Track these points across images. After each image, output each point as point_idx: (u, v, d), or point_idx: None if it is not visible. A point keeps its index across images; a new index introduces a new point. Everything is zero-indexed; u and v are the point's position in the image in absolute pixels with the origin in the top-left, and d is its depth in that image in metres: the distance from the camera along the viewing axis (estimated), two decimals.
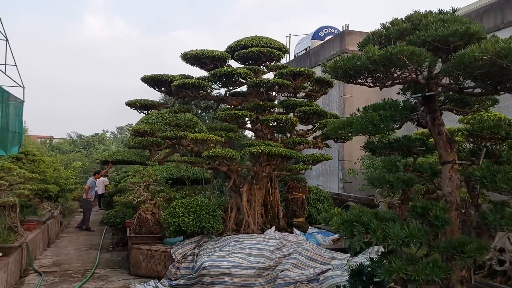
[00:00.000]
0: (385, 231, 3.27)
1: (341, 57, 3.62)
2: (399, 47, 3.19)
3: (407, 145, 4.22)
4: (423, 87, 3.95)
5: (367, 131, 3.92)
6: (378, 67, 3.33)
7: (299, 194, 10.81)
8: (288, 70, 9.92)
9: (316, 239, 9.83)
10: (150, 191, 9.83)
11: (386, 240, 3.25)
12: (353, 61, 3.47)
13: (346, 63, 3.49)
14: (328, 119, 10.22)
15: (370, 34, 3.91)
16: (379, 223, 3.34)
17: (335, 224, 3.49)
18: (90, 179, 15.21)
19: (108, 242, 12.30)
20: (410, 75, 3.52)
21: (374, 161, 12.79)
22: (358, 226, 3.37)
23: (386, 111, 4.00)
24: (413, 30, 3.68)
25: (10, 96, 11.81)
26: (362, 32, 15.47)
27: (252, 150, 8.73)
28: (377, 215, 3.51)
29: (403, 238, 3.22)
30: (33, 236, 9.45)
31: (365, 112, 4.53)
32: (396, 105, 4.37)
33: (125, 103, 10.49)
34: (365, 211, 3.62)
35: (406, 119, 4.01)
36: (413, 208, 3.63)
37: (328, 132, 4.50)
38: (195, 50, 10.17)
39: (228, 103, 11.10)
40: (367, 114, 3.97)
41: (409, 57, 3.22)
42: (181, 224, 8.41)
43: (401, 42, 3.71)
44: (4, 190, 7.83)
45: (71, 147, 36.98)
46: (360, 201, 12.05)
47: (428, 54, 3.29)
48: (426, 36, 3.40)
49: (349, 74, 3.62)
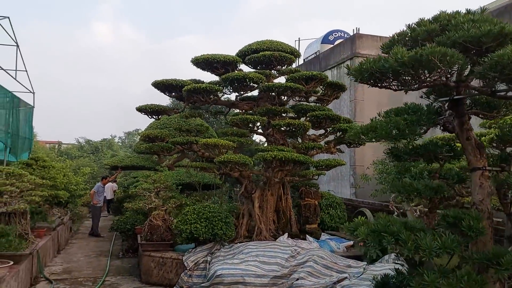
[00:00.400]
0: (417, 242, 3.10)
1: (367, 59, 3.46)
2: (430, 48, 3.03)
3: (434, 150, 4.04)
4: (451, 90, 3.79)
5: (392, 136, 3.75)
6: (407, 69, 3.17)
7: (312, 200, 10.63)
8: (300, 74, 9.78)
9: (330, 246, 9.64)
10: (161, 197, 9.71)
11: (417, 251, 3.07)
12: (380, 63, 3.31)
13: (372, 66, 3.33)
14: (341, 123, 10.05)
15: (395, 36, 3.74)
16: (409, 233, 3.17)
17: (362, 234, 3.32)
18: (96, 184, 15.14)
19: (118, 249, 12.17)
20: (440, 78, 3.35)
21: (386, 166, 12.60)
22: (387, 237, 3.20)
23: (411, 115, 3.83)
24: (441, 31, 3.52)
25: (21, 101, 11.78)
26: (374, 36, 15.34)
27: (265, 156, 8.58)
28: (406, 225, 3.34)
29: (436, 249, 3.05)
30: (43, 243, 9.35)
31: (387, 116, 4.37)
32: (420, 109, 4.20)
33: (136, 108, 10.41)
34: (392, 220, 3.45)
35: (433, 124, 3.84)
36: (444, 217, 3.46)
37: (350, 137, 4.35)
38: (206, 55, 10.07)
39: (239, 108, 10.98)
40: (391, 118, 3.80)
41: (440, 58, 3.06)
42: (193, 231, 8.27)
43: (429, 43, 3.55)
44: (15, 196, 7.75)
45: (79, 153, 37.09)
46: (374, 207, 11.85)
47: (460, 56, 3.13)
48: (457, 37, 3.24)
49: (374, 77, 3.46)
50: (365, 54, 15.05)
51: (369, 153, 14.41)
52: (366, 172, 13.93)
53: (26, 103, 12.53)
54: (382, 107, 14.63)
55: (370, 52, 15.11)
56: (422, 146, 4.14)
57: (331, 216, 11.34)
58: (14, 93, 11.22)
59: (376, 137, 3.78)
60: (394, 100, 15.42)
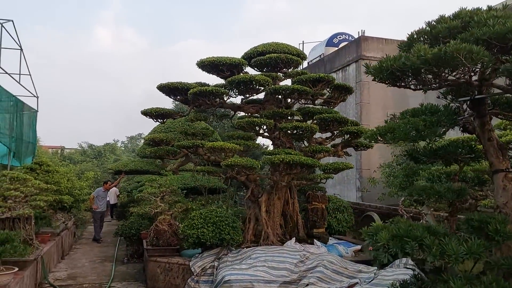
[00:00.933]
0: (442, 247, 2.96)
1: (387, 57, 3.34)
2: (455, 44, 2.91)
3: (454, 152, 3.90)
4: (472, 89, 3.66)
5: (411, 137, 3.62)
6: (429, 67, 3.04)
7: (319, 204, 10.49)
8: (307, 76, 9.67)
9: (338, 250, 9.48)
10: (166, 201, 9.58)
11: (443, 257, 2.94)
12: (401, 61, 3.18)
13: (392, 64, 3.20)
14: (349, 126, 9.92)
15: (413, 33, 3.61)
16: (434, 238, 3.03)
17: (383, 239, 3.18)
18: (97, 189, 15.02)
19: (123, 254, 12.04)
20: (464, 76, 3.23)
21: (393, 169, 12.45)
22: (410, 242, 3.06)
23: (430, 116, 3.70)
24: (462, 28, 3.39)
25: (24, 105, 11.68)
26: (379, 38, 15.23)
27: (272, 159, 8.45)
28: (429, 229, 3.20)
29: (462, 255, 2.91)
30: (47, 248, 9.23)
31: (403, 117, 4.24)
32: (438, 110, 4.07)
33: (141, 112, 10.31)
34: (414, 224, 3.31)
35: (453, 124, 3.70)
36: (467, 221, 3.32)
37: (365, 139, 4.21)
38: (211, 57, 9.97)
39: (244, 111, 10.87)
40: (409, 119, 3.67)
41: (465, 55, 2.94)
42: (200, 236, 8.12)
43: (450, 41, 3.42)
44: (19, 201, 7.63)
45: (82, 157, 37.00)
46: (381, 211, 11.69)
47: (486, 53, 3.00)
48: (481, 34, 3.12)
49: (394, 76, 3.33)
50: (370, 57, 14.95)
51: (375, 157, 14.27)
52: (372, 176, 13.78)
53: (30, 107, 12.43)
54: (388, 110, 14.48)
55: (376, 55, 15.00)
56: (442, 147, 4.00)
57: (338, 220, 11.19)
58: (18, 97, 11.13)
59: (394, 138, 3.65)
60: (400, 102, 15.34)
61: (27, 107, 12.04)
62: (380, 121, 15.04)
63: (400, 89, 3.99)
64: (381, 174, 12.27)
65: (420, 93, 15.58)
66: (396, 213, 10.93)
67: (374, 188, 13.61)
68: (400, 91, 15.16)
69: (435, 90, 3.59)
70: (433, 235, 3.12)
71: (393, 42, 15.37)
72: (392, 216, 11.16)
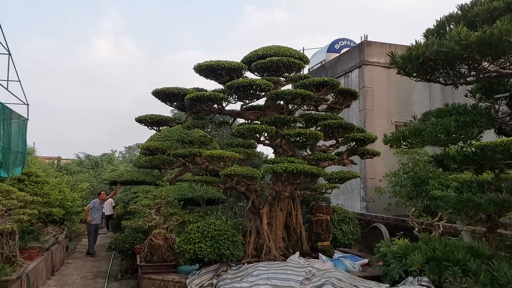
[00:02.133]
0: (491, 273, 2.40)
1: (416, 44, 2.80)
2: (505, 25, 2.37)
3: (491, 157, 3.34)
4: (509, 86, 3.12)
5: (442, 141, 3.07)
6: (471, 54, 2.51)
7: (324, 215, 9.91)
8: (311, 80, 9.14)
9: (344, 265, 8.91)
10: (162, 214, 9.00)
11: (493, 285, 2.37)
12: (434, 48, 2.65)
13: (424, 51, 2.67)
14: (354, 133, 9.39)
15: (445, 19, 3.09)
16: (480, 262, 2.47)
17: (417, 263, 2.62)
18: (92, 201, 14.43)
19: (117, 269, 11.42)
20: (509, 66, 2.69)
21: (400, 178, 11.90)
22: (452, 267, 2.50)
23: (464, 116, 3.16)
24: (506, 10, 2.86)
25: (13, 113, 11.09)
26: (382, 43, 14.77)
27: (274, 168, 7.90)
28: (472, 250, 2.64)
29: None
30: (34, 265, 8.62)
31: (425, 119, 3.71)
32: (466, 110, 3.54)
33: (135, 119, 9.75)
34: (451, 244, 2.75)
35: (492, 125, 3.16)
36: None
37: (386, 143, 3.67)
38: (209, 61, 9.45)
39: (244, 118, 10.33)
40: (439, 121, 3.13)
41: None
42: (198, 251, 7.55)
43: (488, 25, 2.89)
44: (1, 215, 7.04)
45: (79, 168, 36.34)
46: (389, 222, 11.12)
47: None
48: None
49: (425, 67, 2.80)
50: (374, 62, 14.48)
51: (379, 165, 13.72)
52: (378, 185, 13.22)
53: (19, 115, 11.81)
54: (393, 117, 13.91)
55: (379, 60, 14.54)
56: (476, 152, 3.44)
57: (344, 232, 10.61)
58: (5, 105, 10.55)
59: (422, 142, 3.10)
60: (404, 109, 14.84)
61: (16, 115, 11.45)
62: (385, 128, 14.51)
63: (404, 95, 3.51)
64: (389, 183, 11.70)
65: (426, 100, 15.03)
66: (404, 225, 10.36)
67: (379, 198, 13.05)
68: (404, 98, 14.72)
69: (469, 84, 3.05)
70: (477, 258, 2.56)
71: (397, 47, 14.90)
72: (400, 227, 10.60)
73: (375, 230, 10.82)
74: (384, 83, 14.52)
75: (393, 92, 14.59)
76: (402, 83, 14.82)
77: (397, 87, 14.64)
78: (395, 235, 9.58)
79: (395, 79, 14.76)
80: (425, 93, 15.00)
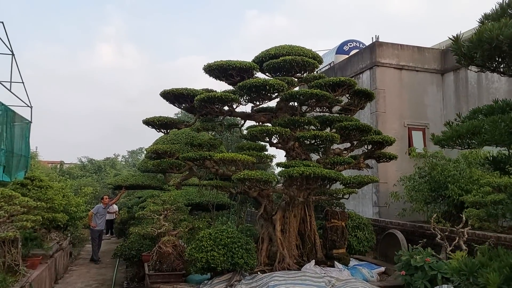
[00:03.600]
0: None
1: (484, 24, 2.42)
2: None
3: None
4: None
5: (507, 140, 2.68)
6: None
7: (339, 221, 9.49)
8: (326, 80, 8.76)
9: (362, 274, 8.49)
10: (170, 220, 8.60)
11: None
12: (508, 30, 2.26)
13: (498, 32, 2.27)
14: (372, 135, 8.99)
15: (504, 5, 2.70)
16: None
17: (493, 283, 2.21)
18: (96, 206, 14.06)
19: (122, 277, 11.03)
20: None
21: (415, 182, 11.48)
22: None
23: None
24: None
25: (16, 116, 10.76)
26: (394, 44, 14.40)
27: (290, 172, 7.50)
28: None
29: None
30: (38, 273, 8.22)
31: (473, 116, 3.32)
32: None
33: (143, 121, 9.39)
34: None
35: None
36: None
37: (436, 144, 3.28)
38: (220, 61, 9.09)
39: (255, 120, 9.96)
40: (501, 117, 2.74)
41: None
42: (210, 260, 7.14)
43: None
44: (3, 222, 6.65)
45: (82, 172, 36.03)
46: (405, 228, 10.68)
47: None
48: None
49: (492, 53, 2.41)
50: (386, 63, 14.10)
51: (392, 169, 13.30)
52: (390, 189, 12.80)
53: (23, 117, 11.51)
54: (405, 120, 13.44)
55: (391, 61, 14.16)
56: None
57: (359, 239, 10.20)
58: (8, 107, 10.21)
59: (484, 142, 2.70)
60: (417, 112, 14.45)
61: (19, 118, 11.13)
62: (397, 131, 14.01)
63: (417, 98, 3.12)
64: (404, 188, 11.27)
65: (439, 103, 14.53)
66: (422, 231, 9.93)
67: (392, 203, 12.63)
68: (417, 100, 14.29)
69: None
70: None
71: (409, 48, 14.54)
72: (418, 234, 10.17)
73: (391, 237, 10.38)
74: (396, 85, 14.13)
75: (405, 94, 14.20)
76: (414, 85, 14.44)
77: (409, 89, 14.25)
78: (413, 242, 9.16)
79: (407, 81, 14.38)
80: (438, 96, 14.60)
